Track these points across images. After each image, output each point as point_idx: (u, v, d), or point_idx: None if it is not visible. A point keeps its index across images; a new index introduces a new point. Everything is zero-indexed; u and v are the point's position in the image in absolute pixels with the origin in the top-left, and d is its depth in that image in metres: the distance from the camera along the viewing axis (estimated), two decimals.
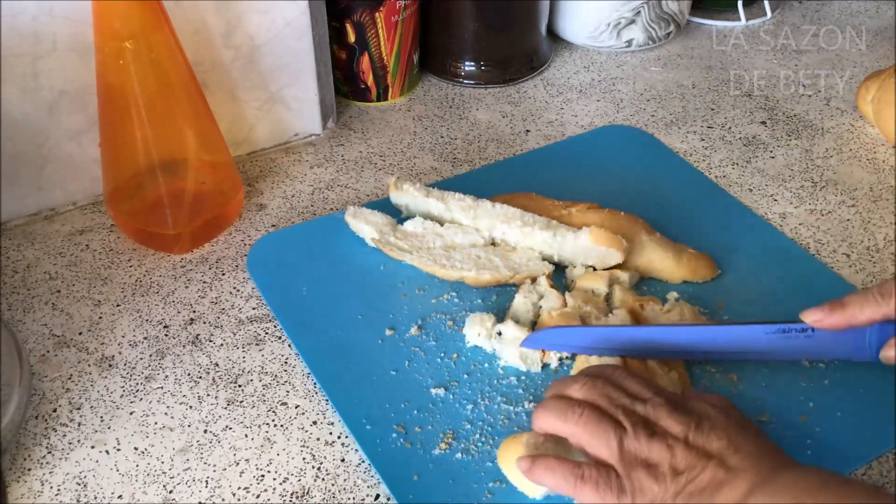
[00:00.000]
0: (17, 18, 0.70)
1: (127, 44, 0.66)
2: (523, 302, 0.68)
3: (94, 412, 0.63)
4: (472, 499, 0.56)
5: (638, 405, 0.53)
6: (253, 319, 0.70)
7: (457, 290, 0.71)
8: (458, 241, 0.73)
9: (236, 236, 0.78)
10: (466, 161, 0.87)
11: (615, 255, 0.70)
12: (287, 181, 0.85)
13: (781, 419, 0.61)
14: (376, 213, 0.75)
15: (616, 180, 0.80)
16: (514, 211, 0.73)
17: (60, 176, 0.79)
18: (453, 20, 0.95)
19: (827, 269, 0.73)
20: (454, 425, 0.61)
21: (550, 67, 1.01)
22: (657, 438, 0.51)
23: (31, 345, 0.68)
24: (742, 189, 0.83)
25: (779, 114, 0.93)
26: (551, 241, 0.71)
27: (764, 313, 0.68)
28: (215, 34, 0.78)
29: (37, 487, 0.59)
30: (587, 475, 0.52)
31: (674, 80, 0.99)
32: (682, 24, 1.04)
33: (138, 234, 0.76)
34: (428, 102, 0.96)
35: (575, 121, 0.93)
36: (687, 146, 0.89)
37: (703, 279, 0.72)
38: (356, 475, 0.59)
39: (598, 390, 0.54)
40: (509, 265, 0.71)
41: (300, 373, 0.66)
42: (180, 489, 0.59)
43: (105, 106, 0.71)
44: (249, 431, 0.62)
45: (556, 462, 0.53)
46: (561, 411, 0.54)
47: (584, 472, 0.52)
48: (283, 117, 0.87)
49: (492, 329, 0.66)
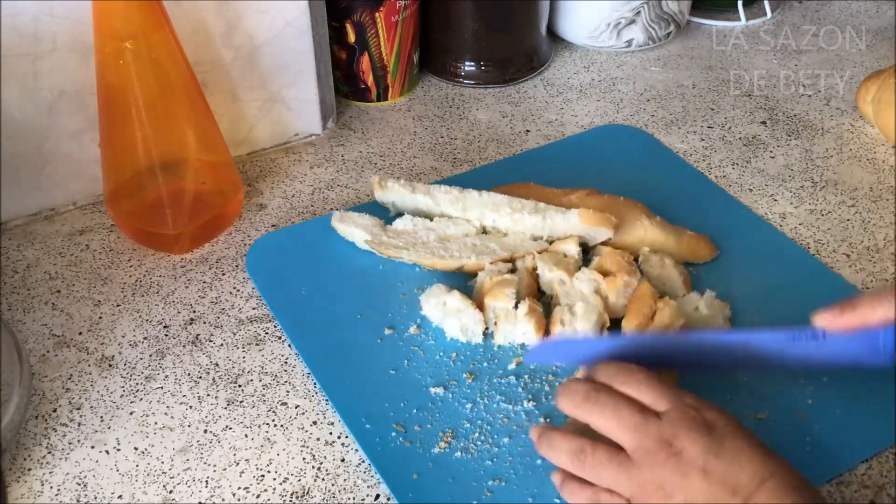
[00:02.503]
0: (17, 18, 0.70)
1: (127, 44, 0.66)
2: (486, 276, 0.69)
3: (94, 412, 0.63)
4: (472, 497, 0.56)
5: (651, 425, 0.52)
6: (253, 319, 0.70)
7: (455, 288, 0.71)
8: (450, 232, 0.73)
9: (236, 236, 0.78)
10: (466, 161, 0.87)
11: (605, 232, 0.71)
12: (287, 181, 0.85)
13: (780, 416, 0.61)
14: (364, 215, 0.75)
15: (615, 180, 0.80)
16: (501, 198, 0.73)
17: (60, 176, 0.79)
18: (453, 20, 0.95)
19: (827, 269, 0.73)
20: (453, 424, 0.61)
21: (550, 67, 1.01)
22: (671, 462, 0.50)
23: (31, 345, 0.68)
24: (742, 189, 0.83)
25: (779, 114, 0.93)
26: (542, 225, 0.72)
27: (764, 314, 0.68)
28: (215, 34, 0.78)
29: (37, 487, 0.59)
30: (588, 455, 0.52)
31: (674, 80, 0.99)
32: (682, 24, 1.04)
33: (138, 234, 0.76)
34: (428, 102, 0.96)
35: (575, 121, 0.93)
36: (687, 146, 0.89)
37: (702, 260, 0.73)
38: (356, 475, 0.59)
39: (610, 409, 0.53)
40: (506, 247, 0.71)
41: (300, 373, 0.66)
42: (180, 489, 0.59)
43: (105, 106, 0.71)
44: (249, 431, 0.62)
45: (559, 437, 0.53)
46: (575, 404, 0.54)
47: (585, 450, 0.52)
48: (283, 117, 0.87)
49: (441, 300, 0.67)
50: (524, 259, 0.70)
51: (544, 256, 0.69)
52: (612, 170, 0.83)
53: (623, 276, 0.66)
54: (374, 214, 0.75)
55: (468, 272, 0.71)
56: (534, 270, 0.70)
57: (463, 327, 0.66)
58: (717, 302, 0.68)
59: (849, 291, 0.71)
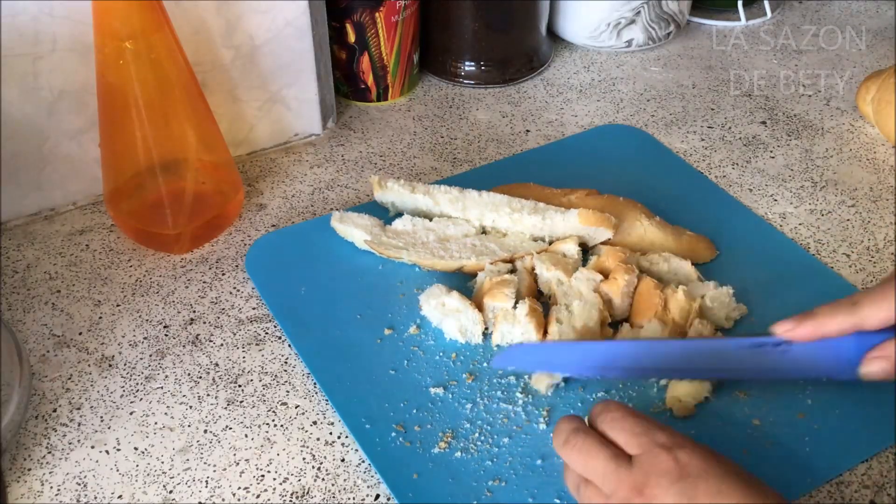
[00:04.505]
0: (17, 18, 0.70)
1: (127, 44, 0.66)
2: (486, 277, 0.69)
3: (94, 412, 0.63)
4: (472, 497, 0.56)
5: (623, 472, 0.49)
6: (253, 319, 0.70)
7: (455, 288, 0.71)
8: (450, 232, 0.73)
9: (236, 236, 0.78)
10: (466, 161, 0.87)
11: (605, 232, 0.71)
12: (287, 181, 0.85)
13: (779, 417, 0.61)
14: (363, 215, 0.75)
15: (615, 180, 0.80)
16: (501, 198, 0.73)
17: (60, 176, 0.79)
18: (453, 20, 0.95)
19: (827, 269, 0.73)
20: (453, 424, 0.61)
21: (550, 67, 1.01)
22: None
23: (31, 345, 0.68)
24: (742, 189, 0.83)
25: (779, 114, 0.93)
26: (541, 225, 0.72)
27: (763, 315, 0.68)
28: (215, 34, 0.78)
29: (37, 487, 0.59)
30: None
31: (674, 80, 0.99)
32: (682, 24, 1.04)
33: (138, 234, 0.76)
34: (428, 102, 0.96)
35: (575, 121, 0.93)
36: (687, 146, 0.89)
37: (702, 260, 0.72)
38: (356, 475, 0.59)
39: (584, 454, 0.51)
40: (505, 248, 0.71)
41: (300, 373, 0.66)
42: (180, 489, 0.59)
43: (105, 106, 0.71)
44: (249, 431, 0.62)
45: (567, 467, 0.52)
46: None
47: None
48: (283, 117, 0.87)
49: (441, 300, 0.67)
50: (524, 259, 0.70)
51: (542, 256, 0.69)
52: (611, 170, 0.83)
53: (623, 276, 0.66)
54: (373, 214, 0.75)
55: (468, 272, 0.71)
56: (533, 271, 0.70)
57: (462, 328, 0.66)
58: (732, 301, 0.68)
59: (849, 291, 0.71)
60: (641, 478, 0.48)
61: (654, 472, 0.48)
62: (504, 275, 0.68)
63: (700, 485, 0.47)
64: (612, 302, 0.66)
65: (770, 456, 0.58)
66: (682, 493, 0.47)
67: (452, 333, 0.67)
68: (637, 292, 0.67)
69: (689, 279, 0.70)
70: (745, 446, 0.59)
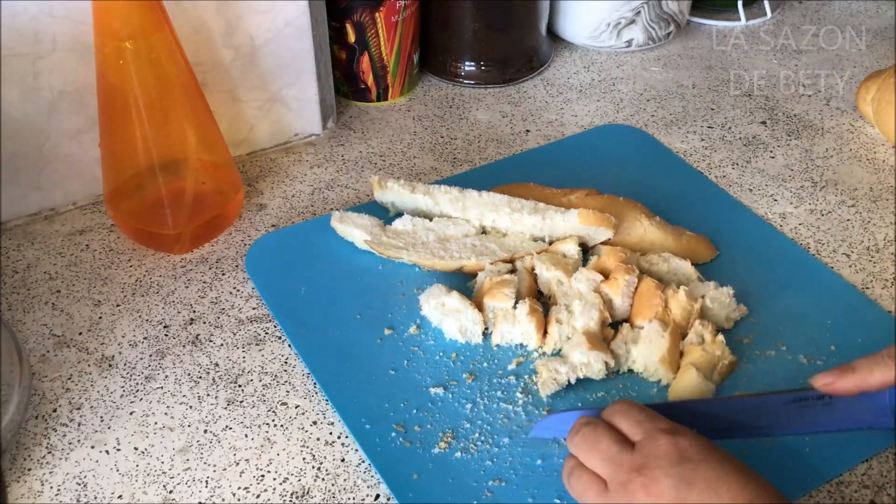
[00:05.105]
0: (17, 18, 0.70)
1: (127, 44, 0.66)
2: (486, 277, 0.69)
3: (94, 412, 0.63)
4: (472, 497, 0.56)
5: (625, 455, 0.51)
6: (253, 319, 0.70)
7: (455, 288, 0.71)
8: (450, 232, 0.73)
9: (236, 236, 0.78)
10: (466, 161, 0.87)
11: (605, 232, 0.71)
12: (287, 181, 0.85)
13: None
14: (363, 215, 0.75)
15: (615, 180, 0.80)
16: (501, 198, 0.73)
17: (60, 176, 0.79)
18: (453, 20, 0.95)
19: (827, 269, 0.73)
20: (453, 424, 0.61)
21: (550, 67, 1.01)
22: (642, 492, 0.49)
23: (31, 345, 0.68)
24: (742, 189, 0.83)
25: (779, 114, 0.93)
26: (541, 225, 0.72)
27: (763, 315, 0.68)
28: (215, 34, 0.78)
29: (37, 487, 0.59)
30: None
31: (674, 80, 0.99)
32: (682, 24, 1.04)
33: (138, 234, 0.76)
34: (428, 102, 0.96)
35: (575, 121, 0.93)
36: (687, 146, 0.89)
37: (702, 260, 0.73)
38: (356, 475, 0.59)
39: (590, 442, 0.53)
40: (505, 248, 0.71)
41: (300, 373, 0.66)
42: (180, 489, 0.59)
43: (105, 106, 0.71)
44: (249, 431, 0.62)
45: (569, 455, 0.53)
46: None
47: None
48: (283, 117, 0.87)
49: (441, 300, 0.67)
50: (524, 259, 0.70)
51: (542, 256, 0.69)
52: (611, 170, 0.83)
53: (623, 276, 0.66)
54: (373, 214, 0.75)
55: (468, 272, 0.71)
56: (533, 271, 0.70)
57: (461, 328, 0.66)
58: (733, 301, 0.68)
59: (849, 291, 0.71)
60: (642, 460, 0.50)
61: (655, 455, 0.49)
62: (504, 275, 0.68)
63: (699, 469, 0.48)
64: (612, 302, 0.66)
65: (770, 456, 0.58)
66: (681, 475, 0.48)
67: (452, 333, 0.67)
68: (637, 293, 0.67)
69: (689, 279, 0.70)
70: (745, 446, 0.59)
